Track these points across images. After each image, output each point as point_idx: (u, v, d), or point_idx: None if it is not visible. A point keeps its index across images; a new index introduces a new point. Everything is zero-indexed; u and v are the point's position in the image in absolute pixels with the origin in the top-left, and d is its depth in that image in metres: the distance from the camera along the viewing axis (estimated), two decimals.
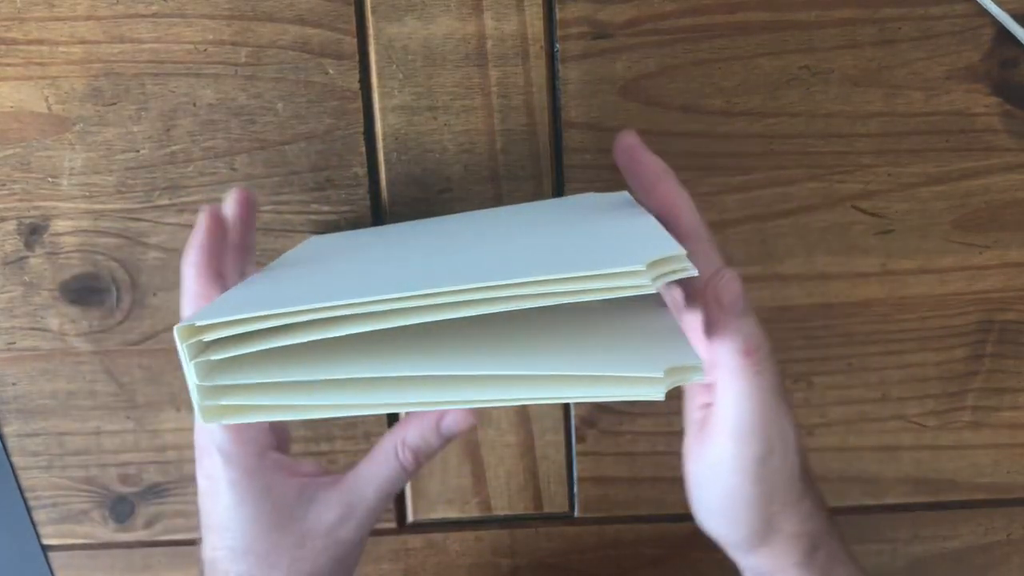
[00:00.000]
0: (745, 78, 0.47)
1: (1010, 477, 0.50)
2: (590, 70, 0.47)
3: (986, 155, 0.47)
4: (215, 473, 0.38)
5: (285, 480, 0.39)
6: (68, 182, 0.47)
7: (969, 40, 0.46)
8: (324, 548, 0.39)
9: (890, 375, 0.49)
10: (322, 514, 0.39)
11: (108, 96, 0.47)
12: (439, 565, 0.51)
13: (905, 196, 0.48)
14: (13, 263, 0.48)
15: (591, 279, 0.30)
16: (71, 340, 0.49)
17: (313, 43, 0.46)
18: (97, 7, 0.46)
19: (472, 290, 0.30)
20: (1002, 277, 0.48)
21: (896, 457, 0.50)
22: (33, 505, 0.50)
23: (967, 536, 0.51)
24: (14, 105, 0.47)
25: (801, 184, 0.48)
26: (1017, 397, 0.50)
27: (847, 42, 0.46)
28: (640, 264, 0.30)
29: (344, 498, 0.39)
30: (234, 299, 0.34)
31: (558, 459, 0.50)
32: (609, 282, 0.30)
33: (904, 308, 0.49)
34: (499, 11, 0.46)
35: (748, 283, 0.48)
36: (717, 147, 0.47)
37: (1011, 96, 0.47)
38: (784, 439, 0.37)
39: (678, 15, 0.46)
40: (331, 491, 0.39)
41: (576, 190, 0.47)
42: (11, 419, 0.49)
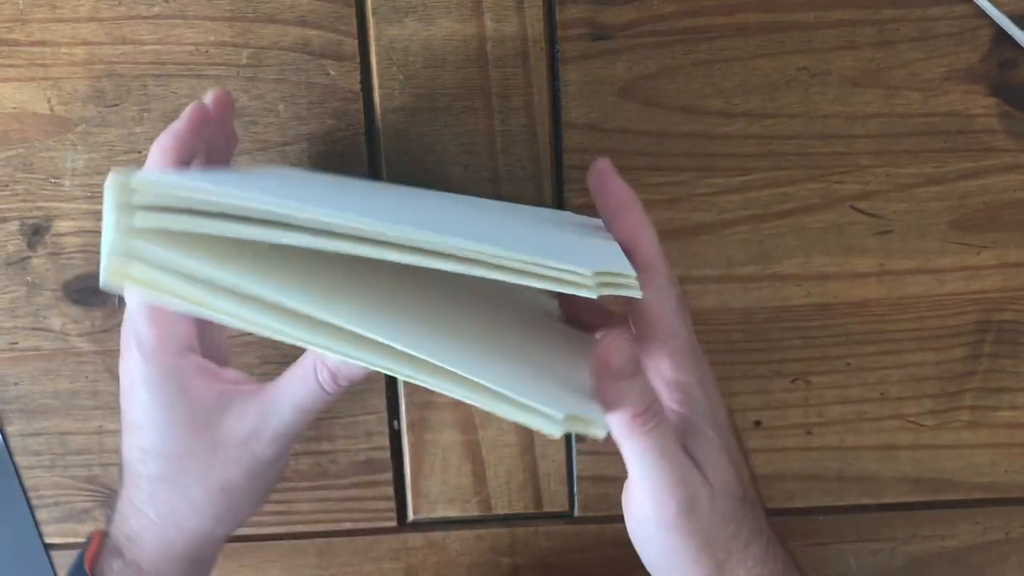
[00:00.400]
0: (744, 79, 0.47)
1: (1008, 476, 0.50)
2: (590, 71, 0.47)
3: (984, 156, 0.47)
4: (133, 369, 0.38)
5: (205, 384, 0.38)
6: (70, 183, 0.48)
7: (967, 41, 0.47)
8: (236, 459, 0.38)
9: (888, 375, 0.49)
10: (236, 423, 0.38)
11: (110, 97, 0.47)
12: (439, 564, 0.52)
13: (903, 196, 0.48)
14: (16, 263, 0.48)
15: (537, 268, 0.30)
16: (73, 340, 0.49)
17: (314, 44, 0.46)
18: (99, 9, 0.46)
19: (411, 239, 0.29)
20: (1000, 277, 0.49)
21: (894, 456, 0.50)
22: (36, 504, 0.50)
23: (965, 535, 0.51)
24: (16, 106, 0.47)
25: (800, 184, 0.48)
26: (1015, 397, 0.50)
27: (846, 43, 0.46)
28: (588, 270, 0.30)
29: (260, 410, 0.38)
30: (180, 177, 0.32)
31: (558, 459, 0.50)
32: (554, 275, 0.30)
33: (902, 308, 0.49)
34: (499, 13, 0.46)
35: (747, 283, 0.49)
36: (716, 147, 0.47)
37: (1009, 97, 0.47)
38: (709, 485, 0.36)
39: (678, 16, 0.46)
40: (248, 402, 0.38)
41: (576, 190, 0.48)
42: (14, 419, 0.50)
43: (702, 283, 0.49)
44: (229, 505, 0.39)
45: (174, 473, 0.38)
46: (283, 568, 0.51)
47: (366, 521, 0.51)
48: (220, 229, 0.30)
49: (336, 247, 0.29)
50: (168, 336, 0.38)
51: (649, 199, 0.48)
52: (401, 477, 0.51)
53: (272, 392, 0.38)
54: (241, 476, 0.38)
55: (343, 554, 0.52)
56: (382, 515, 0.51)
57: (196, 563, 0.40)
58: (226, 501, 0.38)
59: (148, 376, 0.37)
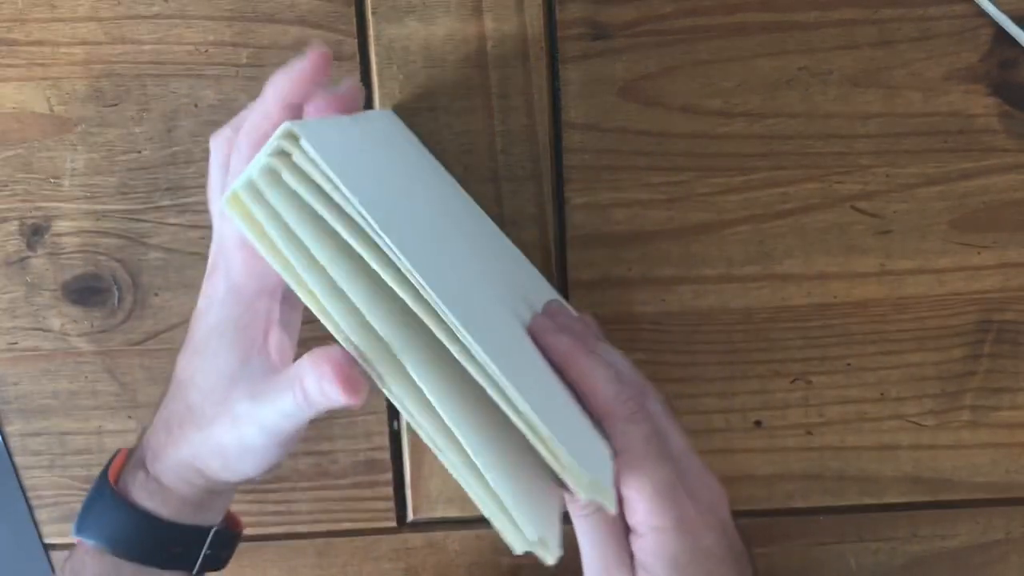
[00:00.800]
0: (744, 79, 0.47)
1: (1008, 476, 0.50)
2: (590, 71, 0.47)
3: (985, 156, 0.47)
4: (214, 290, 0.39)
5: (260, 338, 0.38)
6: (70, 183, 0.48)
7: (968, 41, 0.47)
8: (231, 429, 0.38)
9: (888, 375, 0.49)
10: (243, 395, 0.37)
11: (110, 97, 0.47)
12: (439, 564, 0.52)
13: (904, 196, 0.48)
14: (15, 263, 0.48)
15: (556, 452, 0.33)
16: (73, 340, 0.49)
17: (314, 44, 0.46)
18: (99, 8, 0.46)
19: (499, 383, 0.32)
20: (1000, 277, 0.48)
21: (895, 456, 0.50)
22: (35, 504, 0.50)
23: (965, 535, 0.51)
24: (16, 106, 0.47)
25: (800, 184, 0.48)
26: (1015, 397, 0.50)
27: (846, 43, 0.46)
28: (587, 475, 0.34)
29: (257, 391, 0.37)
30: (343, 165, 0.33)
31: None
32: (565, 463, 0.34)
33: (902, 308, 0.49)
34: (499, 12, 0.46)
35: (747, 283, 0.49)
36: (716, 147, 0.47)
37: (1010, 97, 0.47)
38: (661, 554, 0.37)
39: (677, 16, 0.46)
40: (259, 381, 0.37)
41: (576, 190, 0.48)
42: (13, 419, 0.50)
43: (702, 283, 0.49)
44: (225, 463, 0.39)
45: (199, 406, 0.38)
46: (283, 568, 0.51)
47: (366, 521, 0.51)
48: (344, 234, 0.32)
49: (433, 328, 0.32)
50: (256, 273, 0.38)
51: (649, 199, 0.48)
52: (401, 477, 0.51)
53: (272, 384, 0.37)
54: (233, 445, 0.38)
55: (343, 554, 0.52)
56: (382, 515, 0.51)
57: (211, 493, 0.41)
58: (222, 459, 0.39)
59: (224, 300, 0.38)
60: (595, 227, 0.48)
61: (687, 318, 0.49)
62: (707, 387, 0.49)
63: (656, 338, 0.49)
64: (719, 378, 0.49)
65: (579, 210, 0.48)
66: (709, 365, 0.49)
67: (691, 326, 0.49)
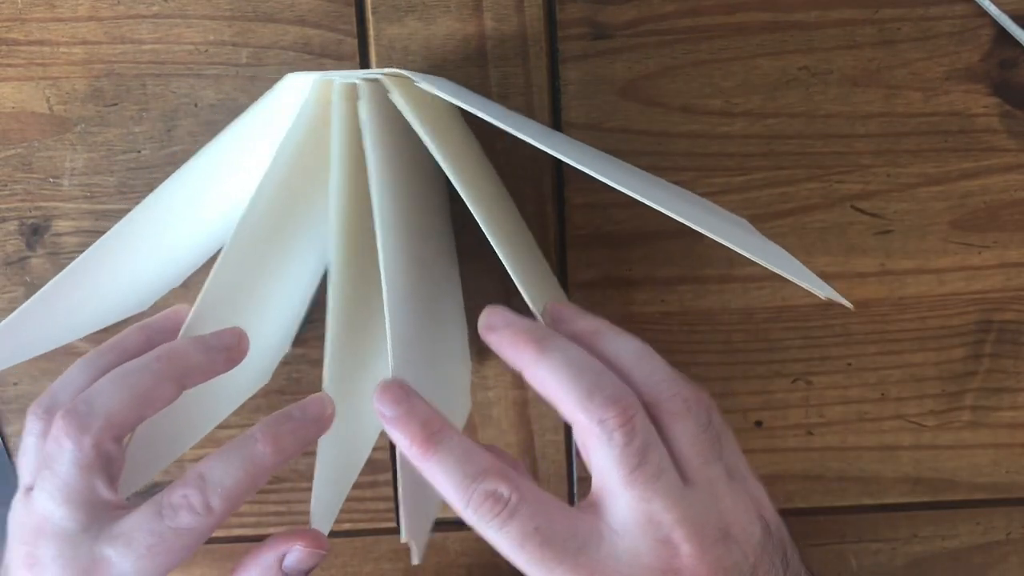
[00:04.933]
0: (744, 79, 0.47)
1: (1009, 477, 0.50)
2: (590, 71, 0.47)
3: (985, 155, 0.47)
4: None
5: None
6: (69, 182, 0.48)
7: (968, 40, 0.46)
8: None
9: (889, 375, 0.49)
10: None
11: (109, 97, 0.47)
12: (439, 565, 0.52)
13: (904, 196, 0.48)
14: (15, 263, 0.48)
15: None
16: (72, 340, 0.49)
17: (314, 44, 0.46)
18: (98, 8, 0.46)
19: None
20: (1001, 277, 0.48)
21: (895, 457, 0.50)
22: None
23: (966, 536, 0.51)
24: (15, 106, 0.47)
25: (800, 184, 0.48)
26: (1016, 397, 0.50)
27: (846, 42, 0.46)
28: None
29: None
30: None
31: (558, 459, 0.50)
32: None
33: (903, 308, 0.49)
34: (499, 12, 0.46)
35: (748, 283, 0.49)
36: (717, 147, 0.47)
37: (1010, 96, 0.47)
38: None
39: (678, 16, 0.46)
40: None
41: (576, 190, 0.48)
42: (12, 419, 0.50)
43: (702, 283, 0.48)
44: None
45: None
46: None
47: (366, 521, 0.51)
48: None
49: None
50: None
51: None
52: None
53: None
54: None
55: (343, 554, 0.51)
56: (382, 515, 0.51)
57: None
58: None
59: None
60: (595, 227, 0.48)
61: (687, 318, 0.49)
62: (707, 387, 0.48)
63: (656, 338, 0.49)
64: (719, 378, 0.49)
65: (579, 210, 0.48)
66: (709, 365, 0.49)
67: (691, 326, 0.49)
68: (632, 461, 0.32)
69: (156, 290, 0.46)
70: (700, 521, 0.32)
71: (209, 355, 0.37)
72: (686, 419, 0.34)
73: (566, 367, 0.34)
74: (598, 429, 0.32)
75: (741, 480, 0.35)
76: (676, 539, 0.32)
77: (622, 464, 0.32)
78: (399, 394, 0.34)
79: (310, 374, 0.49)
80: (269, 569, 0.37)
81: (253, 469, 0.35)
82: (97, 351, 0.40)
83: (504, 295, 0.48)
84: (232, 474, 0.35)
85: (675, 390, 0.34)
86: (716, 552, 0.32)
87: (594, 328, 0.37)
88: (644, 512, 0.32)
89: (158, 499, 0.35)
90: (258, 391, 0.48)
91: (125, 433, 0.36)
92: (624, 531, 0.32)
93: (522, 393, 0.49)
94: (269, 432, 0.36)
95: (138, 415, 0.36)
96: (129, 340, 0.40)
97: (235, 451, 0.35)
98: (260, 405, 0.49)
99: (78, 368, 0.39)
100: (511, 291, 0.48)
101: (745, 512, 0.34)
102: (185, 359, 0.37)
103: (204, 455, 0.36)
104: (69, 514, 0.35)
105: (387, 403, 0.34)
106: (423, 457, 0.33)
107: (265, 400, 0.49)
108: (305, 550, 0.37)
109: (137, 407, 0.36)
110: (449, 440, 0.33)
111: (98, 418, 0.35)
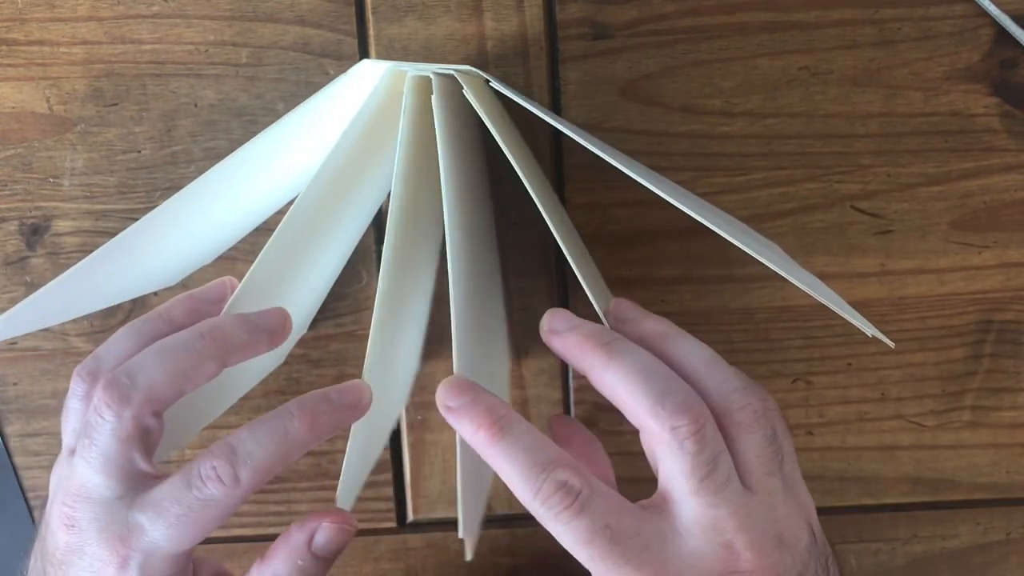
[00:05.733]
0: (745, 79, 0.47)
1: (1009, 477, 0.50)
2: (590, 71, 0.47)
3: (985, 155, 0.47)
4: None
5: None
6: (69, 182, 0.48)
7: (968, 40, 0.46)
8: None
9: (889, 375, 0.49)
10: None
11: (109, 97, 0.47)
12: (439, 565, 0.52)
13: (904, 196, 0.48)
14: (15, 263, 0.48)
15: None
16: (72, 340, 0.49)
17: (314, 44, 0.46)
18: (98, 8, 0.46)
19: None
20: (1001, 277, 0.48)
21: (895, 457, 0.50)
22: (35, 504, 0.50)
23: (966, 536, 0.51)
24: (15, 106, 0.47)
25: (800, 184, 0.48)
26: (1016, 397, 0.50)
27: (846, 43, 0.46)
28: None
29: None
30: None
31: None
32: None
33: (903, 308, 0.49)
34: (499, 12, 0.46)
35: (748, 283, 0.49)
36: (717, 147, 0.47)
37: (1010, 96, 0.47)
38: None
39: (678, 16, 0.46)
40: None
41: (576, 190, 0.48)
42: (13, 419, 0.50)
43: (702, 283, 0.48)
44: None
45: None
46: None
47: (366, 521, 0.51)
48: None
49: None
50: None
51: (650, 199, 0.48)
52: (401, 477, 0.51)
53: None
54: None
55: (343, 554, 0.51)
56: (382, 515, 0.51)
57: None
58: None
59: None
60: (595, 227, 0.48)
61: (687, 318, 0.49)
62: None
63: None
64: None
65: (579, 210, 0.48)
66: None
67: (691, 326, 0.49)
68: (702, 471, 0.33)
69: (188, 265, 0.46)
70: (759, 529, 0.33)
71: (253, 336, 0.38)
72: (754, 431, 0.35)
73: (635, 372, 0.34)
74: (669, 436, 0.33)
75: (794, 488, 0.35)
76: (738, 545, 0.33)
77: (693, 473, 0.33)
78: (463, 386, 0.34)
79: (310, 374, 0.49)
80: (299, 550, 0.36)
81: (286, 444, 0.35)
82: (144, 318, 0.40)
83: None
84: (263, 446, 0.35)
85: (746, 400, 0.35)
86: (772, 559, 0.33)
87: (662, 331, 0.37)
88: (710, 518, 0.33)
89: (189, 469, 0.35)
90: (258, 391, 0.48)
91: (165, 408, 0.36)
92: (688, 534, 0.33)
93: (522, 393, 0.49)
94: (307, 410, 0.36)
95: (179, 391, 0.36)
96: (176, 310, 0.40)
97: (268, 424, 0.35)
98: (260, 406, 0.49)
99: (124, 334, 0.39)
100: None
101: (796, 519, 0.34)
102: (230, 338, 0.37)
103: (194, 453, 0.36)
104: (106, 483, 0.35)
105: (452, 395, 0.34)
106: (490, 443, 0.33)
107: (265, 400, 0.49)
108: (333, 526, 0.36)
109: (178, 383, 0.36)
110: (518, 426, 0.33)
111: (139, 391, 0.35)
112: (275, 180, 0.44)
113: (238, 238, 0.47)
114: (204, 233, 0.44)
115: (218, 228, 0.45)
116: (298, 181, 0.44)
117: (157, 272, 0.45)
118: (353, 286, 0.48)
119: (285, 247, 0.38)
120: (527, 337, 0.49)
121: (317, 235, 0.41)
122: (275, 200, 0.46)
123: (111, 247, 0.39)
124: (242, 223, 0.46)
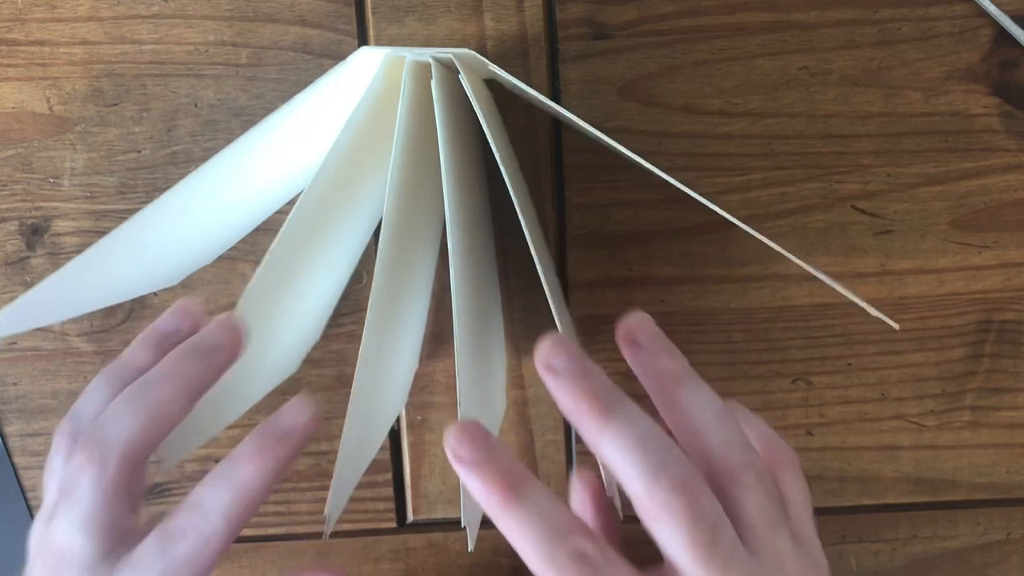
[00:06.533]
0: (745, 79, 0.47)
1: (1009, 477, 0.50)
2: (590, 71, 0.47)
3: (985, 155, 0.47)
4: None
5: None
6: (69, 183, 0.48)
7: (968, 41, 0.46)
8: None
9: (889, 375, 0.49)
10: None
11: (109, 97, 0.47)
12: (439, 565, 0.52)
13: (904, 196, 0.48)
14: (15, 263, 0.48)
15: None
16: (72, 340, 0.49)
17: (314, 44, 0.46)
18: (98, 8, 0.46)
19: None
20: (1001, 277, 0.48)
21: (895, 457, 0.50)
22: (35, 505, 0.50)
23: (966, 536, 0.51)
24: (15, 106, 0.47)
25: (800, 184, 0.48)
26: (1016, 397, 0.50)
27: (846, 43, 0.46)
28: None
29: None
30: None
31: (558, 459, 0.50)
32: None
33: (903, 308, 0.49)
34: (499, 12, 0.46)
35: (748, 283, 0.49)
36: (717, 147, 0.47)
37: (1010, 96, 0.47)
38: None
39: (678, 16, 0.46)
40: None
41: (576, 190, 0.48)
42: (12, 419, 0.50)
43: (702, 283, 0.48)
44: None
45: None
46: (282, 568, 0.51)
47: (366, 522, 0.51)
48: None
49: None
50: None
51: (649, 199, 0.48)
52: (401, 478, 0.51)
53: None
54: None
55: (343, 555, 0.51)
56: (381, 516, 0.51)
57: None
58: None
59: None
60: (595, 227, 0.48)
61: (687, 318, 0.49)
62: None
63: None
64: (719, 378, 0.49)
65: (579, 210, 0.48)
66: (709, 365, 0.49)
67: (691, 326, 0.49)
68: (703, 541, 0.32)
69: (188, 265, 0.46)
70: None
71: (206, 361, 0.37)
72: (755, 490, 0.33)
73: (632, 443, 0.32)
74: (664, 514, 0.32)
75: (805, 545, 0.35)
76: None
77: (692, 545, 0.31)
78: (479, 436, 0.32)
79: (310, 374, 0.49)
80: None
81: (242, 491, 0.35)
82: (115, 364, 0.39)
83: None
84: (223, 497, 0.35)
85: (749, 459, 0.34)
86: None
87: (678, 374, 0.35)
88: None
89: (164, 527, 0.35)
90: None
91: (145, 456, 0.36)
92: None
93: (522, 393, 0.50)
94: (256, 450, 0.35)
95: (155, 438, 0.36)
96: (140, 352, 0.40)
97: (222, 474, 0.35)
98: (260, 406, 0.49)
99: (97, 385, 0.39)
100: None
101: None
102: (186, 375, 0.37)
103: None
104: (88, 542, 0.35)
105: (466, 445, 0.32)
106: (503, 509, 0.32)
107: (265, 401, 0.49)
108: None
109: (152, 431, 0.36)
110: (533, 492, 0.32)
111: (115, 446, 0.35)
112: (274, 175, 0.44)
113: (238, 238, 0.47)
114: (202, 224, 0.44)
115: (218, 227, 0.45)
116: (299, 179, 0.44)
117: (157, 272, 0.45)
118: (353, 286, 0.48)
119: (292, 244, 0.38)
120: (527, 337, 0.49)
121: (323, 232, 0.41)
122: (275, 198, 0.45)
123: (111, 239, 0.39)
124: (242, 222, 0.46)
